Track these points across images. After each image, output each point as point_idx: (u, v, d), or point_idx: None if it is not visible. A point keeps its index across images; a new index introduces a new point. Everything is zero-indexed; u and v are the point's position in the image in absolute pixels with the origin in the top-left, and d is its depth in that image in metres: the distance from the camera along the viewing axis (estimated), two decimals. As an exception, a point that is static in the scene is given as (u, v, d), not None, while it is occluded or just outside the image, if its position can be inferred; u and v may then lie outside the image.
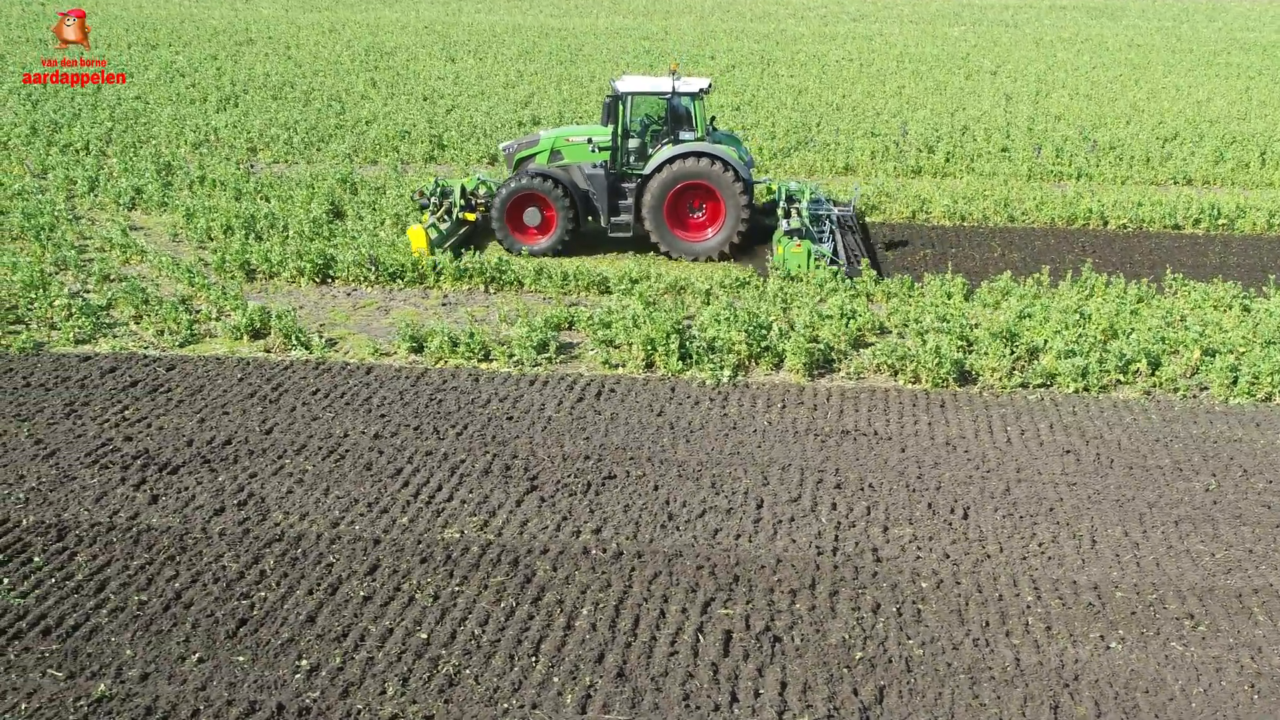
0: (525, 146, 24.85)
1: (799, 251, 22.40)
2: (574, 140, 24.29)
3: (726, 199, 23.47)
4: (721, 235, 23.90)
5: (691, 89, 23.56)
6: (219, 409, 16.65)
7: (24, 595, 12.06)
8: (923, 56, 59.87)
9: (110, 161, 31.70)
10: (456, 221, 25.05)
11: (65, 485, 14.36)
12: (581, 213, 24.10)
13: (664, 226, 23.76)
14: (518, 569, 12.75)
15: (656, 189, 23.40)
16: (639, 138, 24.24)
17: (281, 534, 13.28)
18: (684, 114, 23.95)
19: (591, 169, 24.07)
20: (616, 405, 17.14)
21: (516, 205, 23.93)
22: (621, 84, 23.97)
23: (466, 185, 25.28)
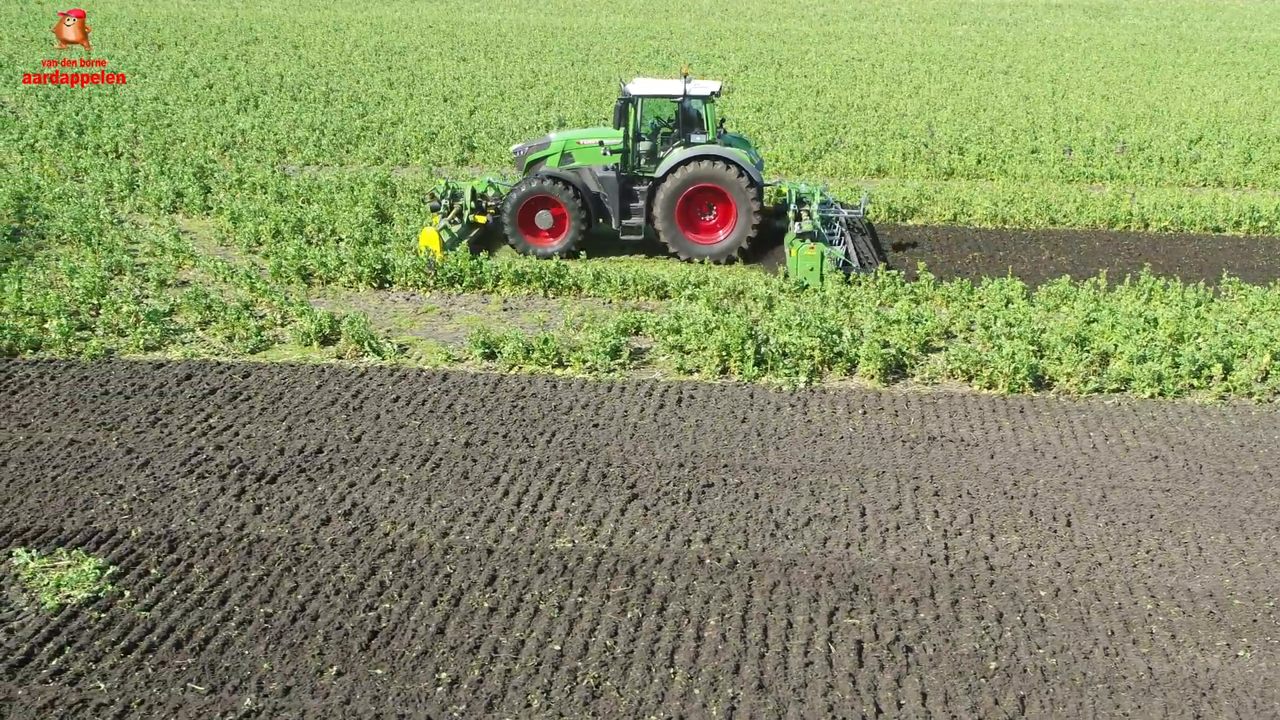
0: (536, 149, 24.90)
1: (812, 254, 22.43)
2: (585, 143, 24.33)
3: (738, 202, 23.57)
4: (733, 238, 23.98)
5: (703, 92, 23.67)
6: (304, 416, 16.60)
7: (148, 608, 11.99)
8: (932, 56, 60.03)
9: (143, 164, 31.49)
10: (467, 224, 24.97)
11: (166, 495, 14.30)
12: (593, 215, 24.07)
13: (675, 229, 23.82)
14: (635, 578, 12.75)
15: (668, 192, 23.47)
16: (650, 140, 24.29)
17: (393, 544, 13.25)
18: (695, 117, 24.03)
19: (603, 171, 24.11)
20: (698, 411, 17.15)
21: (528, 208, 23.96)
22: (633, 86, 24.06)
23: (476, 188, 25.27)
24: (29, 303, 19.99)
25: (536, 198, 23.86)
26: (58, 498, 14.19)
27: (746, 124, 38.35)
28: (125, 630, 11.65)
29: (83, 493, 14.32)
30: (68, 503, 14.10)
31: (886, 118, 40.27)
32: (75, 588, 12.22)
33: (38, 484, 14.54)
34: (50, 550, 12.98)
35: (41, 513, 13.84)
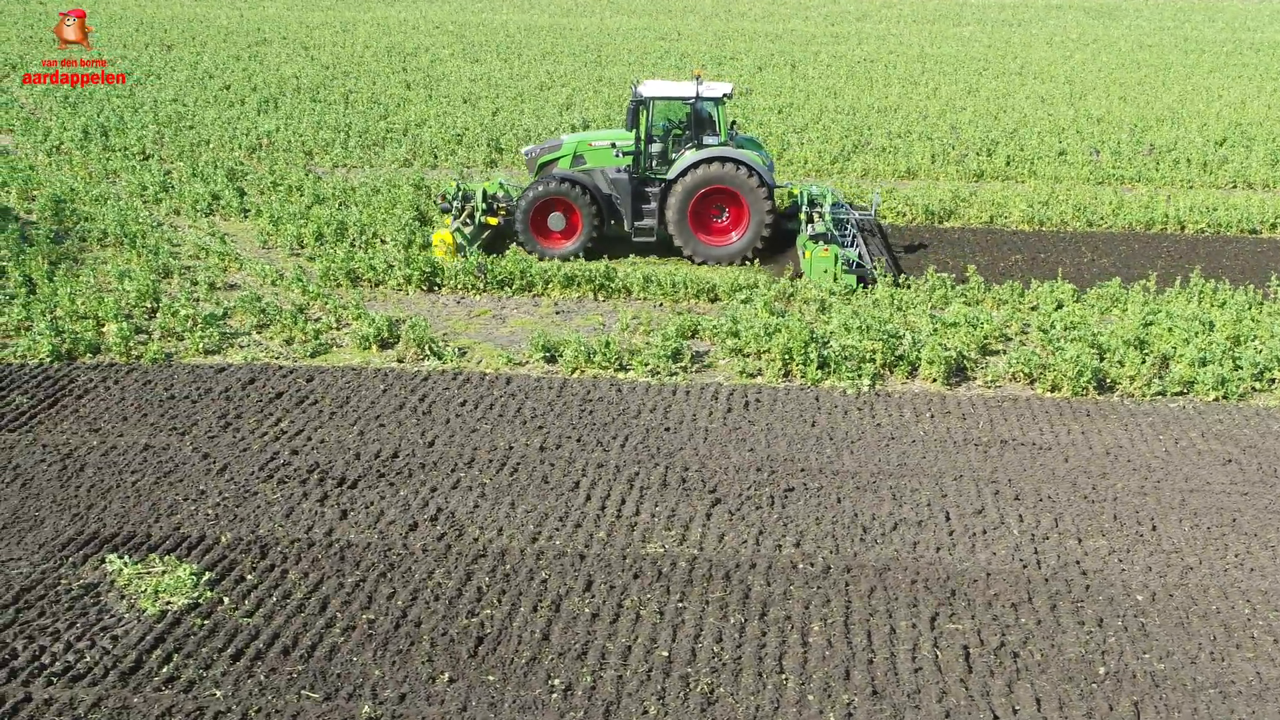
0: (547, 151, 24.92)
1: (826, 256, 22.45)
2: (597, 145, 24.36)
3: (750, 204, 23.61)
4: (745, 240, 24.01)
5: (715, 94, 23.72)
6: (374, 421, 16.56)
7: (249, 614, 11.94)
8: (943, 57, 60.09)
9: (173, 166, 31.39)
10: (479, 226, 24.95)
11: (249, 501, 14.25)
12: (605, 217, 24.12)
13: (688, 231, 23.85)
14: (731, 584, 12.74)
15: (681, 193, 23.50)
16: (662, 142, 24.31)
17: (484, 550, 13.23)
18: (707, 119, 24.05)
19: (615, 173, 24.12)
20: (765, 414, 17.15)
21: (541, 210, 23.95)
22: (645, 88, 24.09)
23: (488, 189, 25.23)
24: (83, 306, 19.86)
25: (549, 200, 23.87)
26: (141, 503, 14.12)
27: (770, 126, 38.34)
28: (230, 636, 11.60)
29: (165, 498, 14.26)
30: (152, 508, 14.03)
31: (909, 119, 40.27)
32: (174, 594, 12.17)
33: (118, 489, 14.47)
34: (142, 556, 12.92)
35: (127, 518, 13.78)
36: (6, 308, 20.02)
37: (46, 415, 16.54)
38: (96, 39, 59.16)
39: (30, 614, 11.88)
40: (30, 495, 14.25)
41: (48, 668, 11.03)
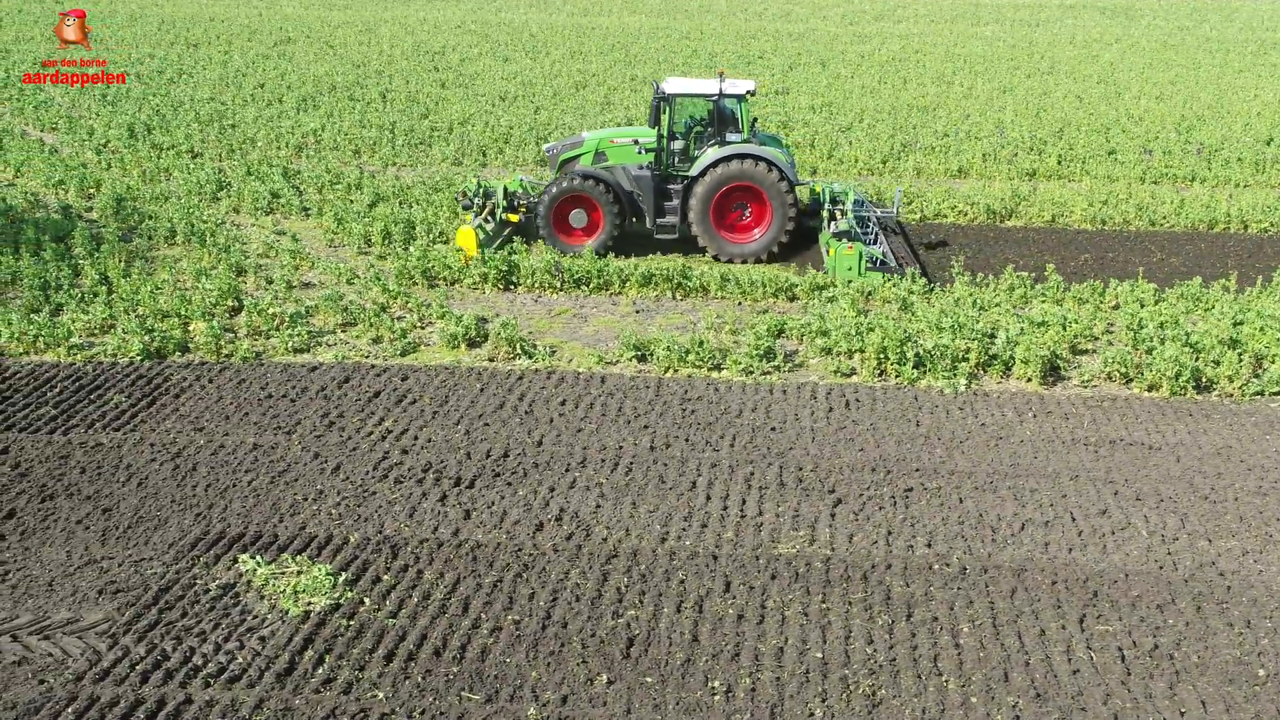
0: (569, 148, 24.82)
1: (851, 254, 22.35)
2: (619, 141, 24.24)
3: (773, 201, 23.52)
4: (768, 237, 23.92)
5: (738, 91, 23.61)
6: (478, 420, 16.44)
7: (393, 615, 11.83)
8: (971, 56, 59.99)
9: (225, 164, 31.26)
10: (501, 222, 24.86)
11: (369, 500, 14.14)
12: (627, 214, 24.03)
13: (710, 228, 23.76)
14: (870, 584, 12.62)
15: (703, 191, 23.40)
16: (684, 139, 24.22)
17: (616, 550, 13.11)
18: (730, 116, 23.96)
19: (638, 170, 24.03)
20: (867, 414, 17.04)
21: (563, 207, 23.85)
22: (668, 85, 24.00)
23: (509, 186, 25.15)
24: (165, 304, 19.74)
25: (571, 196, 23.77)
26: (261, 503, 14.01)
27: (814, 125, 38.24)
28: (378, 637, 11.48)
29: (285, 498, 14.14)
30: (273, 508, 13.91)
31: (951, 119, 40.16)
32: (315, 595, 12.04)
33: (235, 489, 14.35)
34: (274, 556, 12.79)
35: (250, 518, 13.66)
36: (90, 306, 19.85)
37: (147, 414, 16.40)
38: (119, 37, 59.09)
39: (172, 614, 11.75)
40: (148, 494, 14.11)
41: (201, 669, 10.90)
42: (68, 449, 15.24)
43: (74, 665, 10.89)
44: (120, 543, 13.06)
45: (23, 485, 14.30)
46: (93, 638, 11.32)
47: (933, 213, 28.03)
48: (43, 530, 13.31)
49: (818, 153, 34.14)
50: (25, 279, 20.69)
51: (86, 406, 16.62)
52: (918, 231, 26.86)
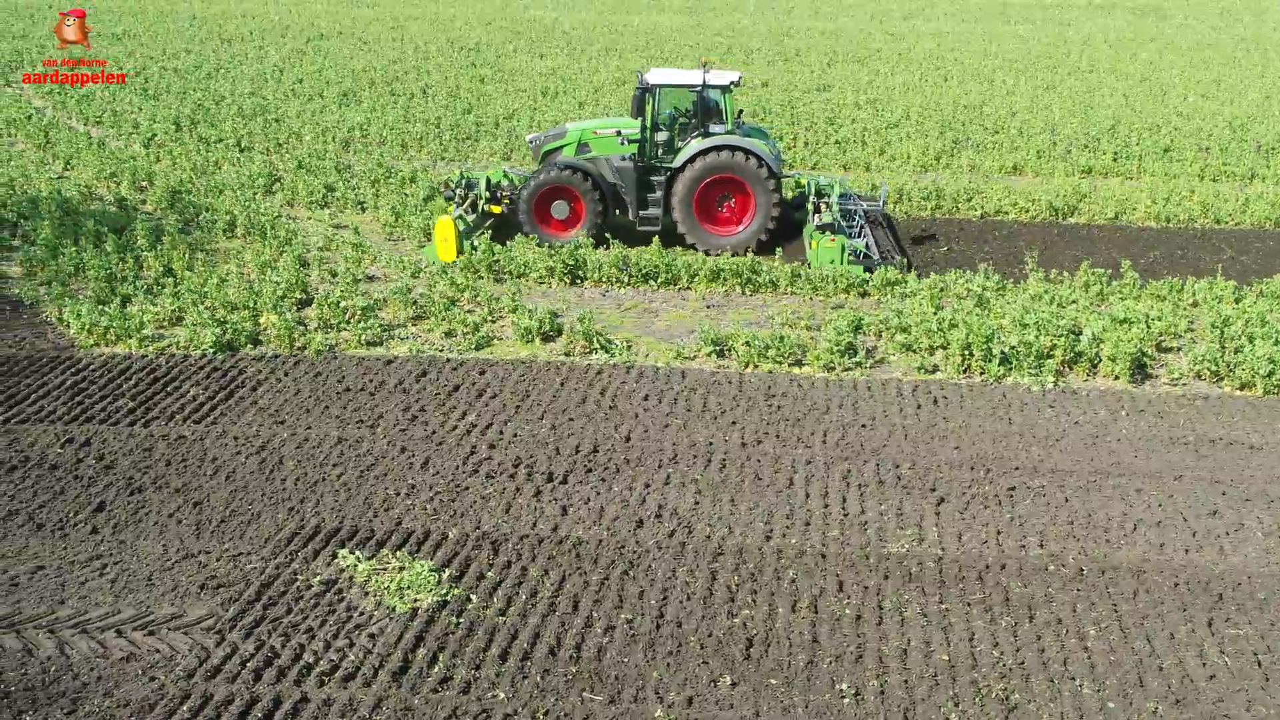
0: (552, 139, 24.41)
1: (833, 246, 22.05)
2: (602, 133, 23.87)
3: (757, 193, 23.14)
4: (752, 229, 23.54)
5: (721, 82, 23.23)
6: (562, 415, 16.14)
7: (502, 613, 11.52)
8: (1007, 55, 59.49)
9: (274, 157, 31.02)
10: (482, 214, 24.50)
11: (463, 496, 13.85)
12: (610, 205, 23.67)
13: (693, 220, 23.37)
14: (986, 585, 12.28)
15: (686, 182, 23.03)
16: (668, 130, 23.82)
17: (721, 548, 12.79)
18: (714, 107, 23.56)
19: (620, 161, 23.61)
20: (956, 411, 16.70)
21: (544, 198, 23.47)
22: (651, 76, 23.65)
23: (491, 177, 24.76)
24: (234, 296, 19.47)
25: (552, 187, 23.38)
26: (353, 497, 13.73)
27: (862, 121, 37.86)
28: (489, 636, 11.19)
29: (376, 492, 13.86)
30: (366, 503, 13.63)
31: (999, 116, 39.73)
32: (420, 591, 11.74)
33: (324, 483, 14.08)
34: (373, 552, 12.50)
35: (343, 513, 13.38)
36: (157, 298, 19.61)
37: (225, 407, 16.12)
38: (152, 33, 58.97)
39: (277, 610, 11.47)
40: (238, 488, 13.85)
41: (314, 667, 10.61)
42: (150, 441, 14.97)
43: (183, 662, 10.60)
44: (215, 536, 12.78)
45: (109, 478, 14.03)
46: (199, 634, 11.03)
47: (994, 209, 27.62)
48: (135, 523, 13.05)
49: (869, 150, 33.77)
50: (90, 271, 20.41)
51: (164, 399, 16.35)
52: (908, 225, 26.50)
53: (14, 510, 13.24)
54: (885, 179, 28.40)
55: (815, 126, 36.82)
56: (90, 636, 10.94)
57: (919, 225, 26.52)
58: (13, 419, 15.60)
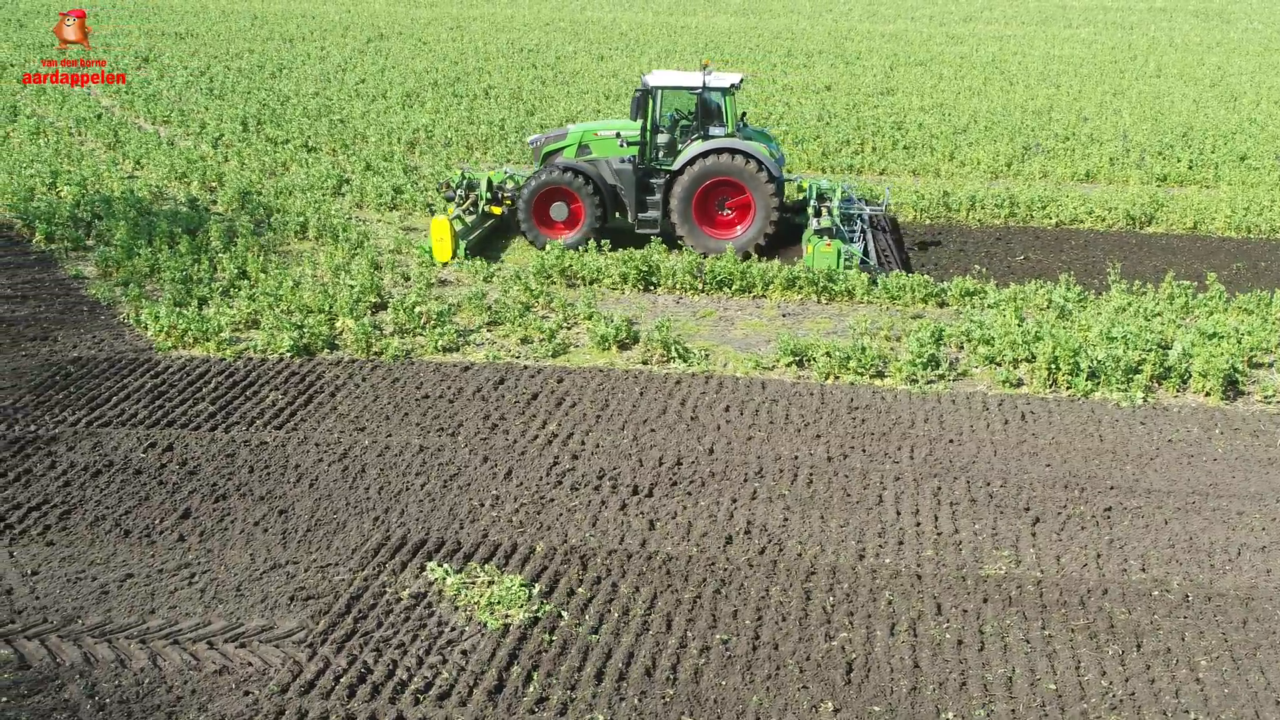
0: (552, 140, 24.19)
1: (829, 251, 21.78)
2: (602, 134, 23.65)
3: (756, 196, 22.83)
4: (751, 232, 23.26)
5: (723, 84, 22.93)
6: (643, 425, 15.92)
7: (594, 631, 11.30)
8: (1072, 59, 58.70)
9: (340, 158, 31.03)
10: (482, 214, 24.47)
11: (548, 508, 13.65)
12: (609, 208, 23.43)
13: (692, 223, 23.11)
14: (1089, 610, 11.93)
15: (685, 185, 22.76)
16: (669, 133, 23.55)
17: (814, 567, 12.50)
18: (715, 109, 23.28)
19: (619, 164, 23.38)
20: (1044, 427, 16.32)
21: (543, 199, 23.32)
22: (652, 78, 23.38)
23: (493, 178, 24.62)
24: (309, 300, 19.41)
25: (551, 189, 23.22)
26: (438, 508, 13.57)
27: (929, 127, 37.40)
28: (583, 654, 10.97)
29: (461, 503, 13.70)
30: (451, 513, 13.47)
31: (1068, 122, 39.12)
32: (511, 607, 11.55)
33: (408, 492, 13.93)
34: (461, 565, 12.32)
35: (428, 524, 13.22)
36: (233, 301, 19.59)
37: (305, 412, 16.01)
38: (214, 32, 59.38)
39: (368, 624, 11.31)
40: (322, 496, 13.73)
41: (408, 684, 10.45)
42: (232, 447, 14.89)
43: (276, 676, 10.47)
44: (302, 546, 12.66)
45: (193, 484, 13.95)
46: (290, 647, 10.90)
47: (1069, 218, 27.17)
48: (221, 531, 12.94)
49: (938, 155, 33.33)
50: (166, 272, 20.42)
51: (244, 403, 16.28)
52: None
53: (100, 516, 13.16)
54: (888, 185, 28.01)
55: (881, 131, 36.40)
56: (182, 648, 10.83)
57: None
58: (95, 422, 15.57)
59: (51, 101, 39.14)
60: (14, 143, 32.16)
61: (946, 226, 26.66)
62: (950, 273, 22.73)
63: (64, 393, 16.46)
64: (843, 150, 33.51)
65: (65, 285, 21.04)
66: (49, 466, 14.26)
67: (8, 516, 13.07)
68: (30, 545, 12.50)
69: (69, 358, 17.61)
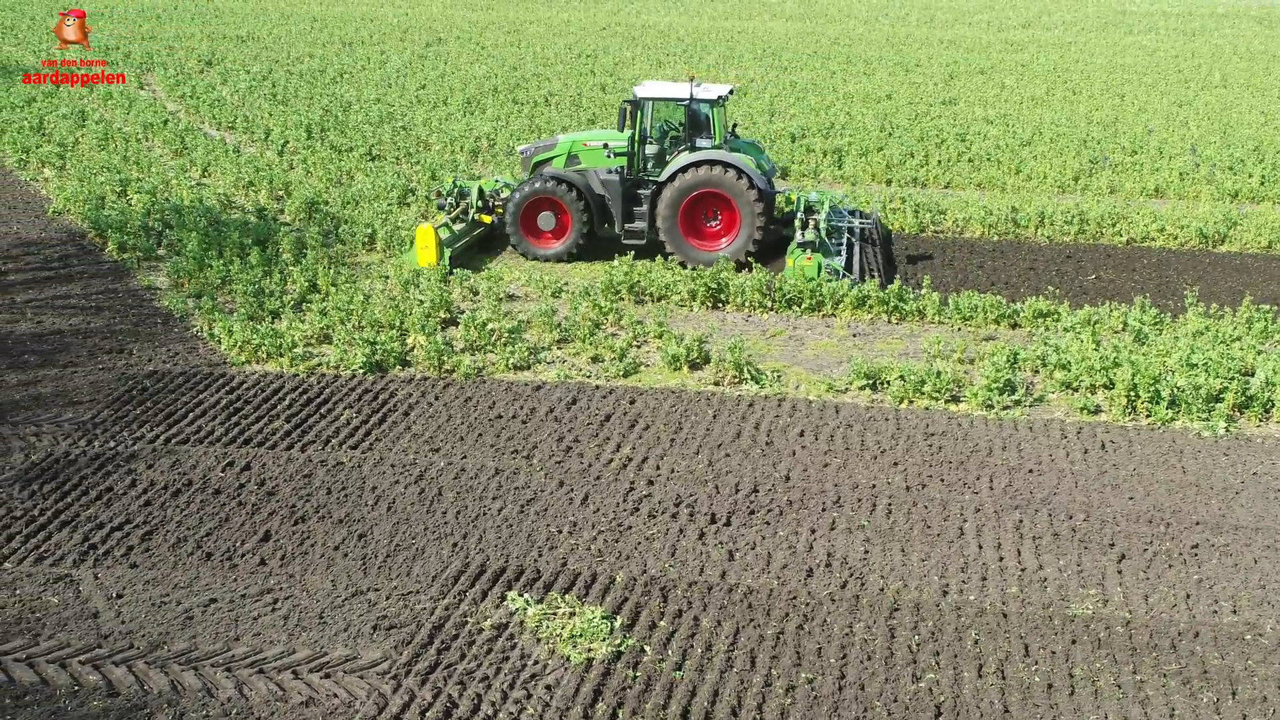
0: (542, 150, 24.33)
1: (810, 264, 21.83)
2: (591, 145, 23.75)
3: (741, 208, 22.82)
4: (736, 245, 23.25)
5: (710, 96, 23.00)
6: (718, 450, 15.82)
7: (678, 667, 11.20)
8: (1135, 67, 58.00)
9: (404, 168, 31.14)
10: (472, 223, 24.56)
11: (626, 536, 13.58)
12: (596, 218, 23.52)
13: (678, 234, 23.12)
14: (1179, 653, 11.70)
15: (671, 196, 22.79)
16: (658, 144, 23.58)
17: (897, 603, 12.34)
18: (704, 121, 23.30)
19: (606, 174, 23.50)
20: (1125, 458, 16.05)
21: (531, 209, 23.49)
22: (640, 89, 23.52)
23: (485, 187, 24.75)
24: (380, 315, 19.45)
25: (539, 199, 23.37)
26: (516, 534, 13.53)
27: (993, 139, 37.03)
28: (668, 692, 10.89)
29: (538, 529, 13.65)
30: (529, 540, 13.42)
31: (1134, 135, 38.61)
32: (593, 640, 11.47)
33: (485, 517, 13.90)
34: (541, 595, 12.26)
35: (507, 550, 13.18)
36: (305, 315, 19.68)
37: (379, 432, 16.03)
38: (275, 35, 59.86)
39: (451, 655, 11.28)
40: (400, 520, 13.73)
41: (493, 719, 10.34)
42: (309, 467, 14.93)
43: (362, 710, 10.46)
44: (382, 573, 12.65)
45: (272, 505, 14.00)
46: (374, 678, 10.88)
47: (1140, 235, 26.79)
48: (302, 555, 12.97)
49: (1004, 169, 32.99)
50: (238, 285, 20.55)
51: (319, 421, 16.32)
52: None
53: (182, 537, 13.22)
54: (876, 197, 27.94)
55: (945, 143, 36.08)
56: (267, 677, 10.83)
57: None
58: (173, 439, 15.66)
59: (118, 106, 39.54)
60: (83, 148, 32.48)
61: (1015, 243, 26.35)
62: (1095, 296, 22.40)
63: (141, 407, 16.56)
64: (907, 163, 33.25)
65: (138, 296, 21.20)
66: (130, 485, 14.34)
67: (92, 536, 13.14)
68: (114, 567, 12.57)
69: (145, 371, 17.73)
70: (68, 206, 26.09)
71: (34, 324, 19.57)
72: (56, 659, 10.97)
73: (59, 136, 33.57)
